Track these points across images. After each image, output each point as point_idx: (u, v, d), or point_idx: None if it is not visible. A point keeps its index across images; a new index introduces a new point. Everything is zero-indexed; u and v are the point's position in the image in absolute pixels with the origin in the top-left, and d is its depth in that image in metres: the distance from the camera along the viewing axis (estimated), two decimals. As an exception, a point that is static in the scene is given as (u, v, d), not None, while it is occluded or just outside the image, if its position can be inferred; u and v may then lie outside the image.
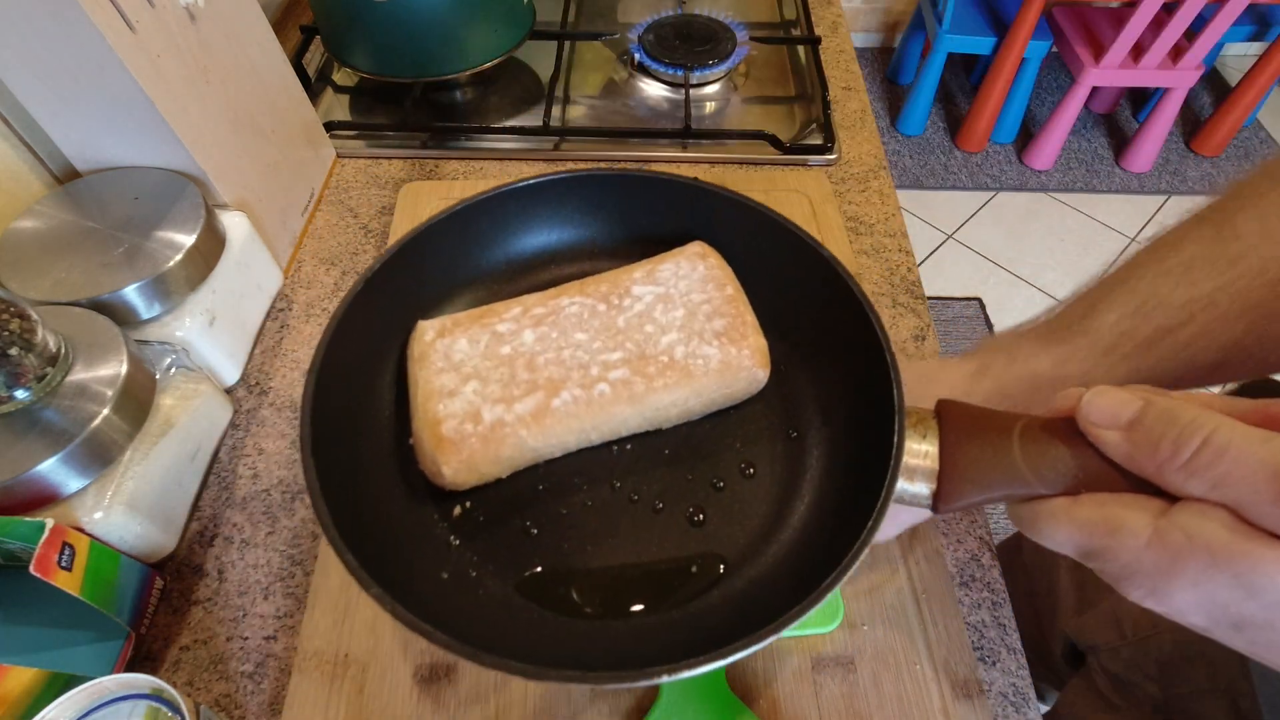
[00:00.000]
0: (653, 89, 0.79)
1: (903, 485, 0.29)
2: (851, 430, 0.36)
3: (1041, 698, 0.42)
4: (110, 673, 0.36)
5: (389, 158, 0.71)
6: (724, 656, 0.27)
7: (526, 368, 0.37)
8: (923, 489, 0.29)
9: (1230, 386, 0.57)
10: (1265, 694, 0.40)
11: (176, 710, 0.34)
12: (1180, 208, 2.05)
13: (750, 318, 0.39)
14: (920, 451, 0.29)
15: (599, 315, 0.38)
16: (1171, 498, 0.23)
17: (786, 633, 0.42)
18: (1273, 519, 0.20)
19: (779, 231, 0.40)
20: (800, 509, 0.36)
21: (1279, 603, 0.20)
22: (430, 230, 0.40)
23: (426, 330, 0.38)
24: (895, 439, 0.30)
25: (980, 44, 1.97)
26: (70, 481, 0.40)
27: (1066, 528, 0.25)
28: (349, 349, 0.36)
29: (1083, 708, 0.57)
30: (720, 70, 0.79)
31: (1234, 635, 0.22)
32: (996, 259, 1.94)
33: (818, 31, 0.84)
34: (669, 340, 0.38)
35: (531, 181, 0.42)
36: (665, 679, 0.27)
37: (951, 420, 0.29)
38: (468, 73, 0.73)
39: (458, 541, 0.36)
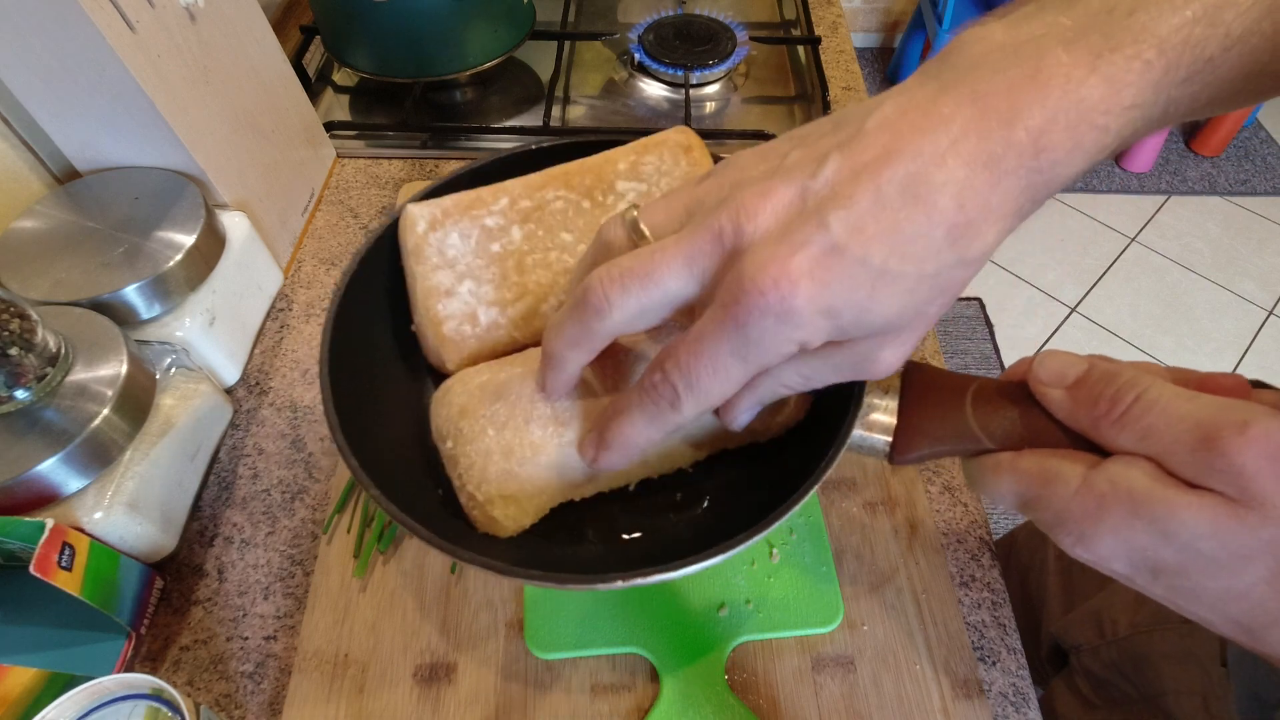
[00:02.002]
0: (653, 89, 0.79)
1: (861, 434, 0.31)
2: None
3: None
4: (110, 673, 0.36)
5: (389, 158, 0.71)
6: (681, 567, 0.29)
7: (516, 269, 0.38)
8: (880, 440, 0.31)
9: None
10: (1239, 694, 0.40)
11: (176, 710, 0.34)
12: (1180, 208, 2.06)
13: None
14: (881, 405, 0.31)
15: (584, 213, 0.39)
16: (1107, 454, 0.24)
17: (786, 633, 0.43)
18: (1190, 468, 0.21)
19: None
20: (770, 451, 0.38)
21: (1191, 546, 0.21)
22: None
23: (418, 220, 0.38)
24: (854, 391, 0.32)
25: (980, 44, 1.97)
26: (70, 481, 0.40)
27: (1009, 477, 0.26)
28: (376, 264, 0.39)
29: (1063, 706, 0.58)
30: (720, 70, 0.79)
31: (1152, 582, 0.23)
32: (996, 259, 1.94)
33: (818, 31, 0.84)
34: None
35: (551, 143, 0.43)
36: (620, 584, 0.28)
37: (912, 378, 0.32)
38: (468, 73, 0.73)
39: None
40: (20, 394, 0.39)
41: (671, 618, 0.43)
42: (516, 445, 0.33)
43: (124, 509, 0.42)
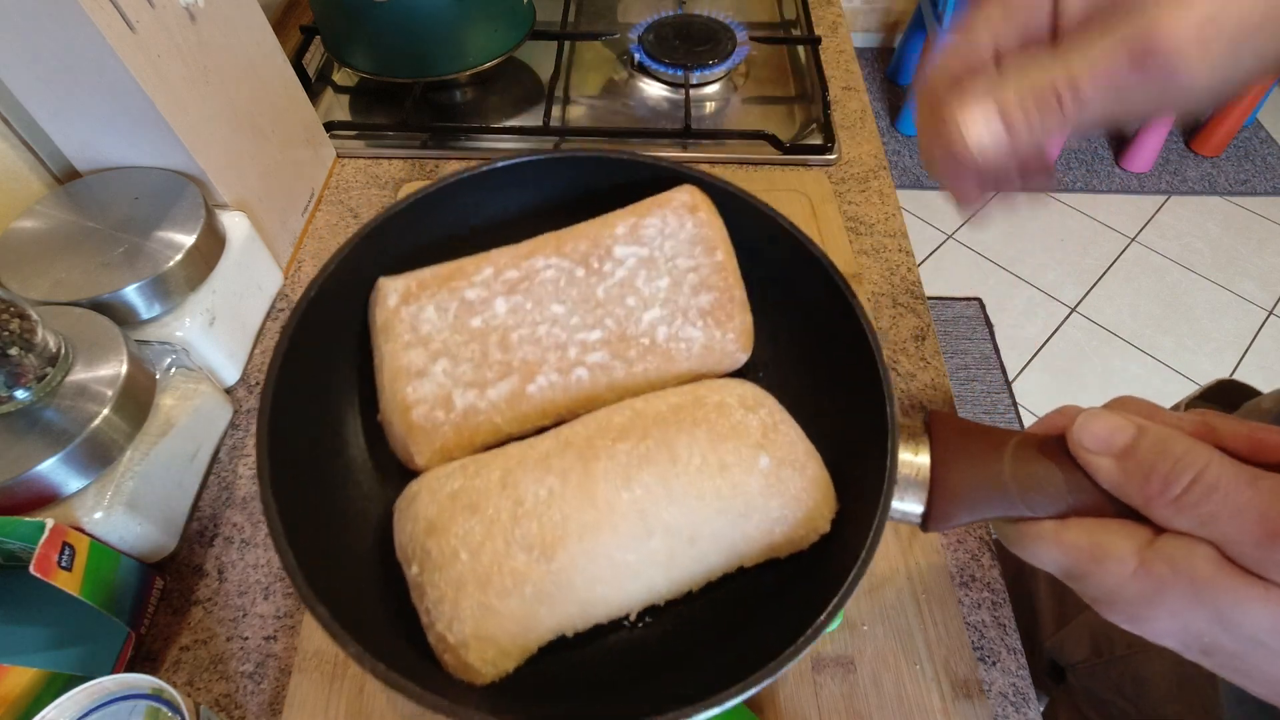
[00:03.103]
0: (653, 89, 0.79)
1: (894, 503, 0.28)
2: (839, 443, 0.34)
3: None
4: (110, 673, 0.36)
5: (389, 158, 0.71)
6: (732, 696, 0.25)
7: (500, 345, 0.33)
8: (914, 508, 0.28)
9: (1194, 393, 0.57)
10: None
11: (176, 710, 0.34)
12: (1180, 208, 2.06)
13: (739, 292, 0.36)
14: (912, 467, 0.28)
15: (577, 283, 0.35)
16: (1158, 527, 0.23)
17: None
18: (1254, 559, 0.21)
19: (762, 220, 0.37)
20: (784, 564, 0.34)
21: (1251, 637, 0.21)
22: (408, 207, 0.37)
23: (390, 293, 0.34)
24: (888, 465, 0.28)
25: (980, 44, 1.97)
26: (70, 481, 0.40)
27: (1053, 550, 0.25)
28: (318, 323, 0.34)
29: (1066, 708, 0.57)
30: (720, 70, 0.79)
31: (1203, 658, 0.23)
32: (996, 259, 1.94)
33: (818, 31, 0.84)
34: (651, 318, 0.34)
35: (505, 164, 0.39)
36: None
37: (942, 435, 0.29)
38: (468, 73, 0.73)
39: None
40: (20, 394, 0.39)
41: (671, 618, 0.43)
42: (495, 573, 0.28)
43: (124, 509, 0.42)
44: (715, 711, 0.25)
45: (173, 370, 0.48)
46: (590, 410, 0.34)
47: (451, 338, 0.34)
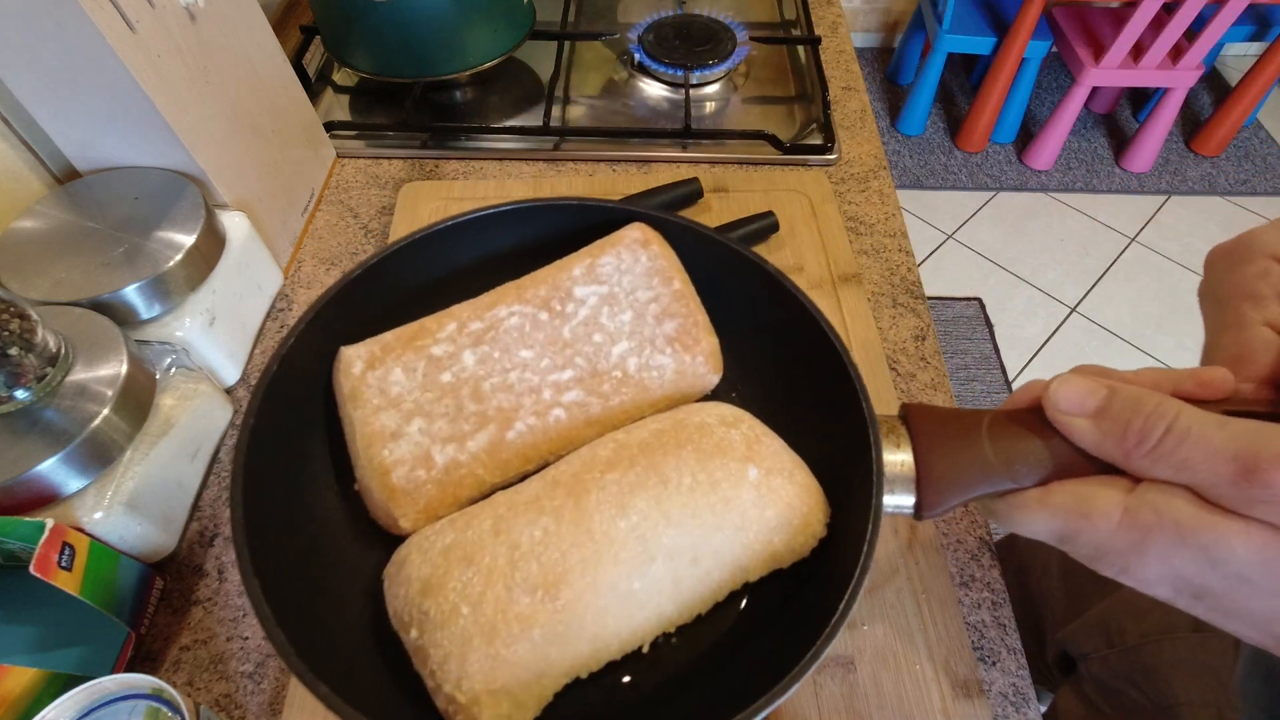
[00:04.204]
0: (653, 89, 0.79)
1: (885, 499, 0.29)
2: (822, 450, 0.34)
3: (1037, 699, 0.43)
4: (110, 673, 0.36)
5: (389, 158, 0.71)
6: (762, 709, 0.25)
7: (473, 397, 0.33)
8: (905, 500, 0.29)
9: None
10: (1246, 710, 0.40)
11: (176, 710, 0.34)
12: (1180, 208, 2.06)
13: (701, 316, 0.37)
14: (896, 462, 0.28)
15: (542, 326, 0.35)
16: (1137, 480, 0.24)
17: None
18: (1231, 498, 0.22)
19: (712, 244, 0.38)
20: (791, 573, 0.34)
21: (1238, 573, 0.22)
22: (363, 273, 0.37)
23: (354, 361, 0.34)
24: (874, 459, 0.28)
25: (980, 44, 1.97)
26: (70, 481, 0.40)
27: (1041, 515, 0.26)
28: (283, 397, 0.33)
29: (1071, 713, 0.57)
30: (720, 70, 0.79)
31: (1194, 603, 0.24)
32: (996, 259, 1.94)
33: (818, 31, 0.84)
34: (620, 351, 0.35)
35: (453, 222, 0.39)
36: None
37: (920, 425, 0.29)
38: (468, 73, 0.73)
39: None
40: (20, 394, 0.39)
41: (671, 618, 0.43)
42: (500, 621, 0.27)
43: (124, 509, 0.42)
44: None
45: (173, 370, 0.47)
46: (572, 449, 0.34)
47: (423, 396, 0.33)
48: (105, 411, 0.40)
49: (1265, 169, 2.16)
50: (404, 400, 0.33)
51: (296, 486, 0.33)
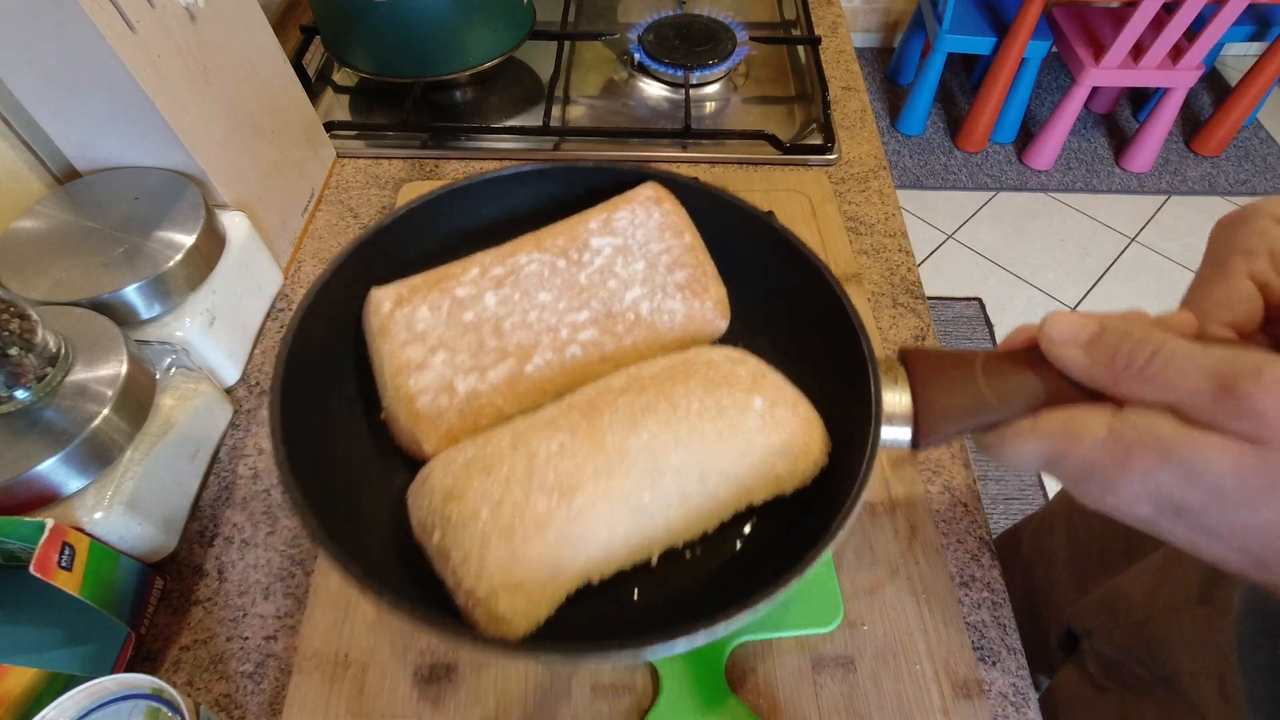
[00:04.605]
0: (653, 89, 0.79)
1: (884, 430, 0.30)
2: (825, 394, 0.35)
3: (1036, 685, 0.43)
4: (110, 673, 0.36)
5: (389, 158, 0.71)
6: (714, 624, 0.26)
7: (494, 334, 0.35)
8: (902, 431, 0.30)
9: None
10: (1246, 684, 0.41)
11: (176, 710, 0.34)
12: (1180, 208, 2.06)
13: (710, 266, 0.38)
14: (894, 400, 0.30)
15: (560, 273, 0.37)
16: (1120, 406, 0.26)
17: (786, 633, 0.43)
18: (1212, 414, 0.23)
19: (721, 203, 0.40)
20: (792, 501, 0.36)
21: (1215, 485, 0.23)
22: (392, 222, 0.39)
23: (383, 301, 0.36)
24: (872, 390, 0.30)
25: (980, 44, 1.97)
26: (70, 481, 0.40)
27: (1030, 441, 0.27)
28: (314, 334, 0.35)
29: (1073, 690, 0.58)
30: (720, 70, 0.79)
31: (1174, 522, 0.25)
32: (996, 259, 1.94)
33: (818, 31, 0.84)
34: (633, 296, 0.37)
35: (475, 180, 0.40)
36: (649, 654, 0.26)
37: (918, 365, 0.31)
38: (468, 73, 0.73)
39: None
40: (20, 394, 0.39)
41: (671, 618, 0.43)
42: (518, 522, 0.29)
43: (124, 509, 0.42)
44: (748, 617, 0.26)
45: (173, 370, 0.48)
46: (587, 383, 0.35)
47: (446, 332, 0.35)
48: (105, 411, 0.40)
49: (1265, 169, 2.16)
50: (429, 335, 0.35)
51: (326, 415, 0.35)
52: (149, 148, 0.50)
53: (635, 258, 0.38)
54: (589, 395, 0.33)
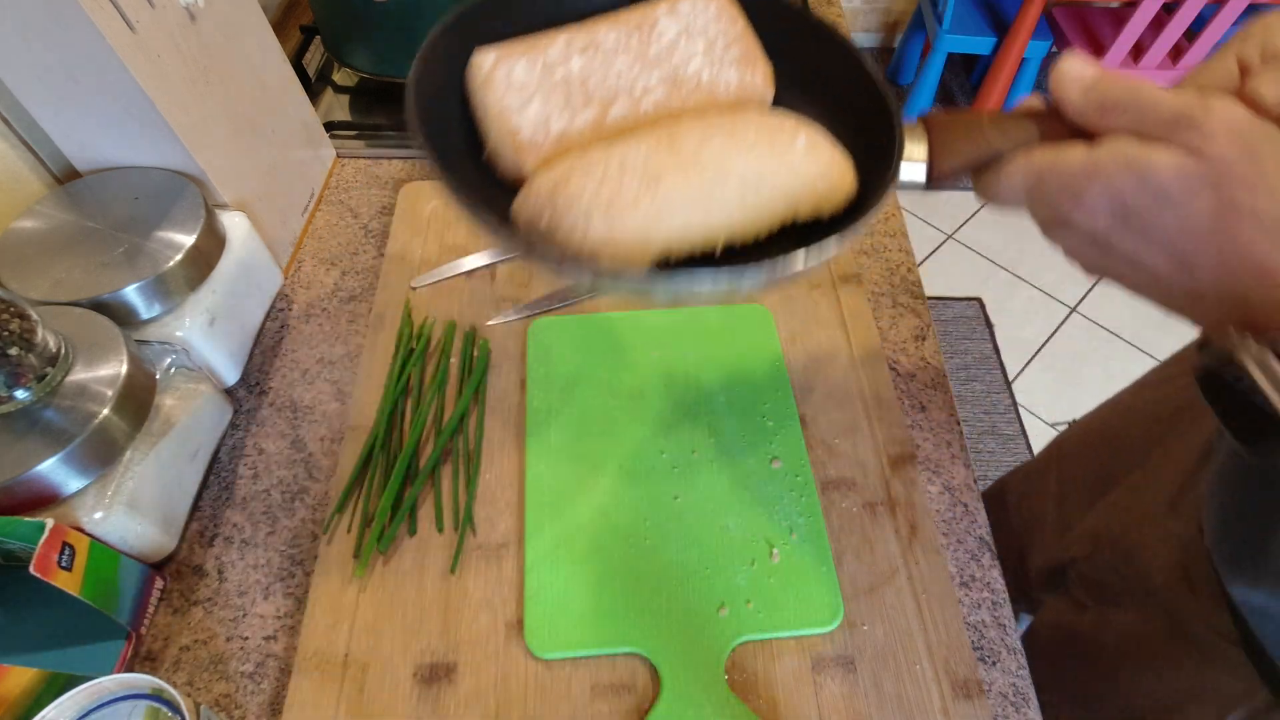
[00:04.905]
0: (653, 89, 0.79)
1: (903, 165, 0.36)
2: (852, 149, 0.41)
3: (1018, 618, 0.47)
4: (110, 673, 0.36)
5: (389, 158, 0.71)
6: (810, 248, 0.32)
7: (580, 89, 0.42)
8: (918, 169, 0.36)
9: None
10: (1210, 522, 0.45)
11: (176, 710, 0.34)
12: (1180, 208, 2.06)
13: (758, 49, 0.45)
14: (913, 146, 0.36)
15: (633, 47, 0.44)
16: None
17: (786, 633, 0.43)
18: (1166, 134, 0.28)
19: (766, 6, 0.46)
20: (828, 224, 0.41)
21: (1160, 187, 0.27)
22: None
23: (485, 59, 0.42)
24: (896, 133, 0.36)
25: (980, 44, 1.97)
26: (70, 481, 0.40)
27: (1022, 169, 0.32)
28: (426, 86, 0.40)
29: (1056, 616, 0.62)
30: (720, 70, 0.79)
31: (1124, 231, 0.29)
32: (996, 259, 1.94)
33: (818, 31, 0.84)
34: (695, 66, 0.44)
35: None
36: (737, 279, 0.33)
37: (934, 121, 0.36)
38: (468, 73, 0.73)
39: None
40: (20, 394, 0.39)
41: (671, 618, 0.43)
42: (614, 200, 0.35)
43: (124, 509, 0.42)
44: (834, 248, 0.33)
45: (173, 370, 0.48)
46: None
47: (540, 85, 0.42)
48: (105, 411, 0.40)
49: (1265, 169, 2.15)
50: (526, 87, 0.41)
51: (444, 147, 0.39)
52: (149, 148, 0.50)
53: (696, 38, 0.45)
54: (666, 124, 0.40)
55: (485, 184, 0.42)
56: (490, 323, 0.57)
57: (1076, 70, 0.31)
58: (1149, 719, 0.50)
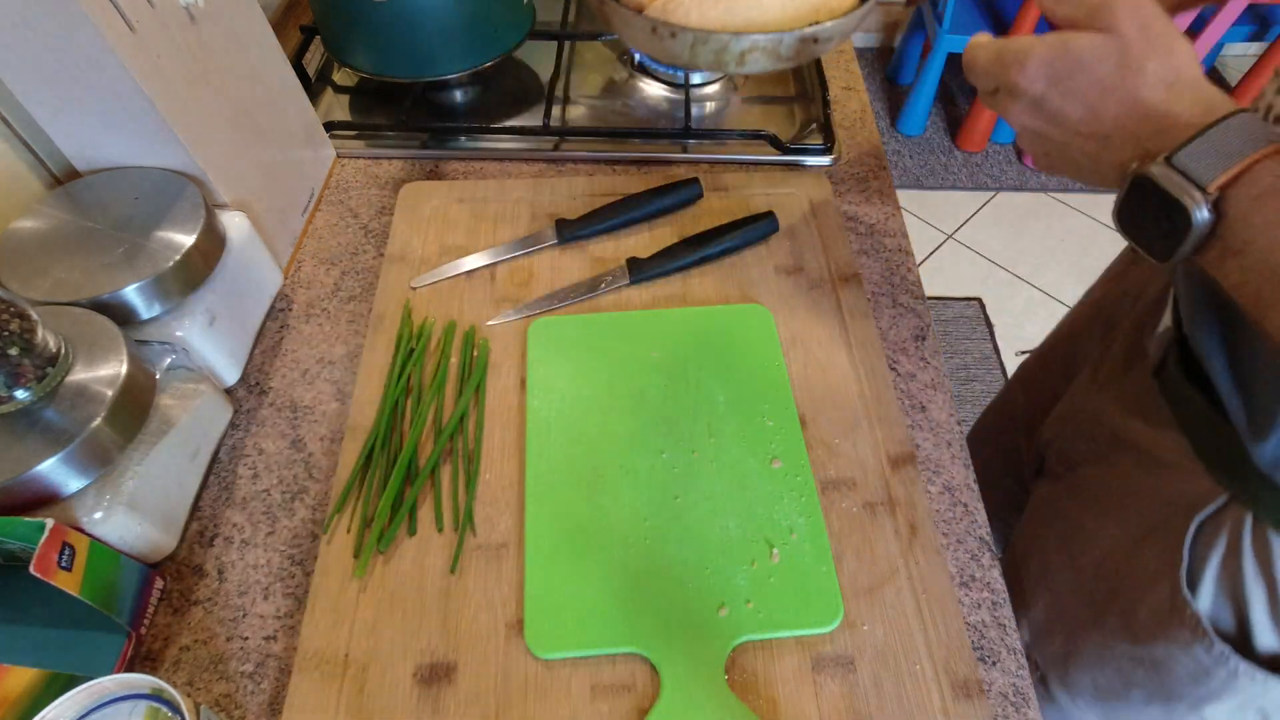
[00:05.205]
0: (653, 89, 0.79)
1: None
2: None
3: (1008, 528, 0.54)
4: (110, 673, 0.36)
5: (389, 158, 0.71)
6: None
7: None
8: None
9: None
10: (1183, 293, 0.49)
11: (176, 710, 0.34)
12: (1180, 208, 2.06)
13: None
14: None
15: None
16: None
17: (786, 633, 0.43)
18: (1088, 20, 0.36)
19: None
20: None
21: (1079, 55, 0.35)
22: None
23: None
24: None
25: (980, 44, 1.97)
26: (70, 481, 0.40)
27: (983, 46, 0.40)
28: None
29: (1035, 496, 0.66)
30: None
31: (1054, 90, 0.37)
32: (996, 259, 1.94)
33: (818, 31, 0.84)
34: None
35: None
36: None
37: None
38: (468, 73, 0.73)
39: None
40: (20, 394, 0.39)
41: (671, 618, 0.43)
42: (703, 4, 0.48)
43: (124, 509, 0.42)
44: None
45: (172, 370, 0.48)
46: None
47: None
48: (105, 412, 0.40)
49: (1265, 169, 2.16)
50: None
51: None
52: (149, 148, 0.50)
53: None
54: None
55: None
56: (490, 323, 0.57)
57: None
58: (1115, 566, 0.54)
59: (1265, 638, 0.45)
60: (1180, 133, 0.33)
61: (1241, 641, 0.46)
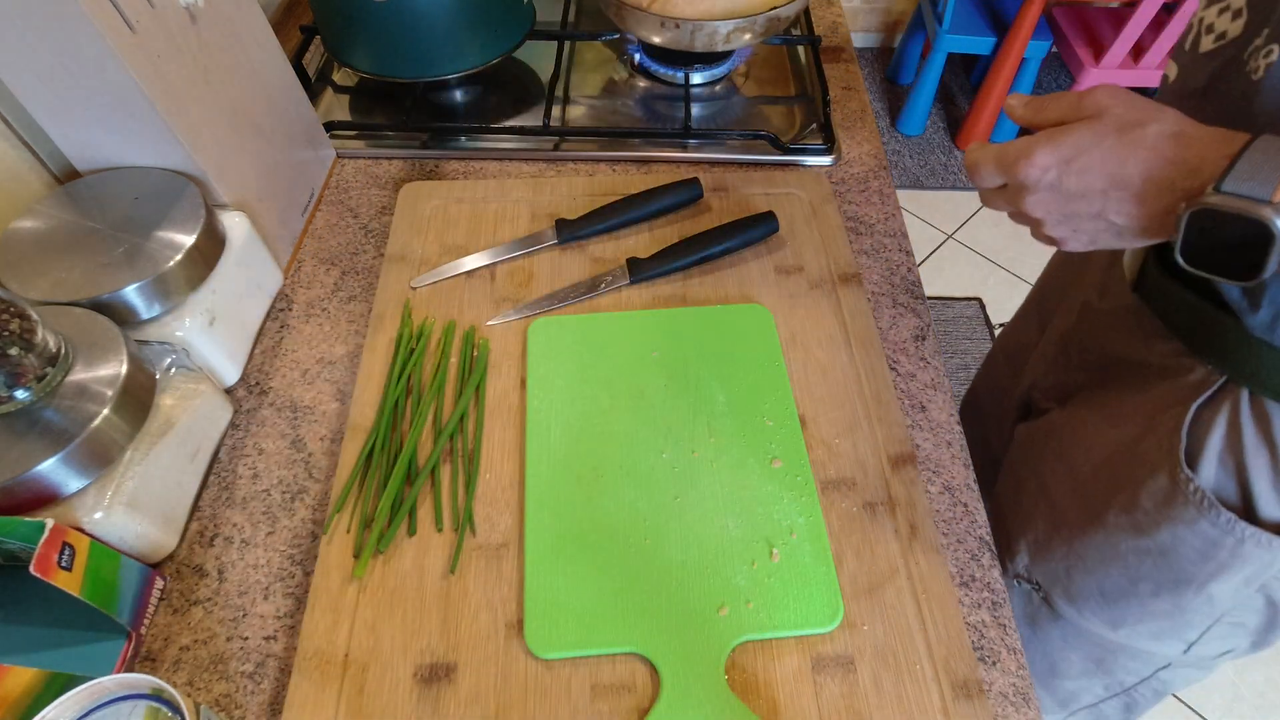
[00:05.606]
0: (653, 89, 0.79)
1: None
2: None
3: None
4: (110, 673, 0.36)
5: (389, 158, 0.71)
6: None
7: None
8: None
9: None
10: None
11: (176, 710, 0.34)
12: (1180, 208, 2.05)
13: None
14: None
15: None
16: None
17: (786, 633, 0.43)
18: (1075, 116, 0.39)
19: None
20: None
21: (1077, 142, 0.38)
22: None
23: None
24: None
25: (980, 44, 1.97)
26: (70, 481, 0.40)
27: (979, 153, 0.42)
28: None
29: (1024, 430, 0.67)
30: (720, 70, 0.79)
31: (1066, 172, 0.39)
32: (996, 259, 1.94)
33: (818, 31, 0.84)
34: None
35: None
36: None
37: None
38: (468, 73, 0.73)
39: None
40: (20, 394, 0.39)
41: (671, 618, 0.43)
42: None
43: (124, 509, 0.42)
44: None
45: (173, 370, 0.48)
46: None
47: None
48: (105, 411, 0.40)
49: (1265, 169, 2.15)
50: None
51: None
52: (149, 148, 0.50)
53: None
54: None
55: None
56: (490, 323, 0.57)
57: (1018, 98, 0.43)
58: (1114, 466, 0.54)
59: (1269, 505, 0.46)
60: (1212, 166, 0.35)
61: (1245, 512, 0.47)
